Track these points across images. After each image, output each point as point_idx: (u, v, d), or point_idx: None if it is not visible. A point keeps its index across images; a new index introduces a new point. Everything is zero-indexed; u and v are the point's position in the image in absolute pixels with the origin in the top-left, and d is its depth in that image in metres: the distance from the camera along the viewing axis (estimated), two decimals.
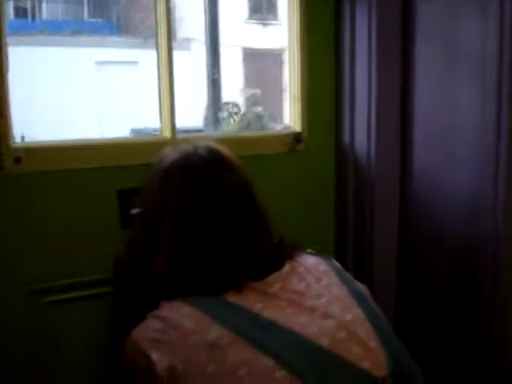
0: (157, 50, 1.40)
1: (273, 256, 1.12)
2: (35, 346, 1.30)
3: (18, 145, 1.27)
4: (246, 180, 1.18)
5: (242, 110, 5.73)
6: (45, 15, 9.59)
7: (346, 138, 1.59)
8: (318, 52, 1.58)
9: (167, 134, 1.41)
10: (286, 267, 1.11)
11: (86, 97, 9.00)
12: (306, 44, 1.56)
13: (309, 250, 1.23)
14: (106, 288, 1.34)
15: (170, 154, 1.17)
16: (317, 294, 1.06)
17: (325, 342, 0.96)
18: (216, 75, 4.22)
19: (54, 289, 1.31)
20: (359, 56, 1.54)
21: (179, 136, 1.43)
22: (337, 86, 1.60)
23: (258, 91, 8.21)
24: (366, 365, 0.94)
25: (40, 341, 1.31)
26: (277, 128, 1.73)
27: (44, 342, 1.31)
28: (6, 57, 1.24)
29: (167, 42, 1.38)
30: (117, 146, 1.37)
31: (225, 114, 5.10)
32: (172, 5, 1.43)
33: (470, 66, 1.37)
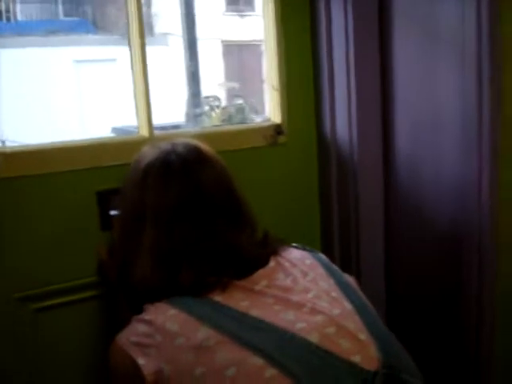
0: (129, 46, 1.37)
1: (257, 253, 1.10)
2: (23, 352, 1.28)
3: None
4: (227, 176, 1.16)
5: (224, 103, 5.69)
6: (19, 16, 9.47)
7: (327, 128, 1.57)
8: (294, 41, 1.56)
9: (144, 132, 1.39)
10: (272, 263, 1.10)
11: (67, 96, 8.92)
12: (282, 34, 1.53)
13: (294, 244, 1.21)
14: (90, 292, 1.33)
15: (148, 154, 1.15)
16: (304, 289, 1.04)
17: (314, 337, 0.94)
18: (192, 69, 4.18)
19: (39, 295, 1.29)
20: (336, 44, 1.52)
21: (157, 133, 1.40)
22: (315, 75, 1.58)
23: (236, 85, 8.17)
24: (356, 359, 0.93)
25: (28, 347, 1.28)
26: (257, 120, 1.71)
27: (32, 348, 1.29)
28: None
29: (140, 38, 1.35)
30: (94, 146, 1.34)
31: (206, 108, 5.07)
32: (148, 0, 1.41)
33: (450, 50, 1.36)
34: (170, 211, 1.09)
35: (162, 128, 1.72)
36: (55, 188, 1.29)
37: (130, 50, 1.37)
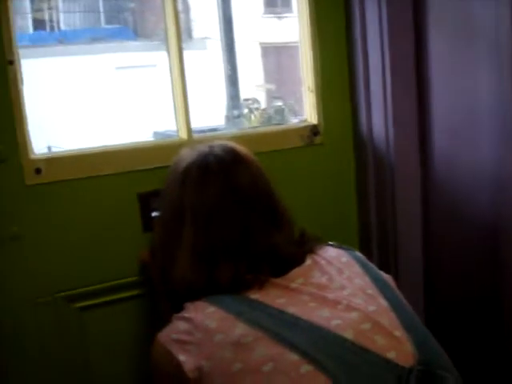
0: (167, 52, 1.40)
1: (293, 251, 1.12)
2: (70, 349, 1.33)
3: (38, 156, 1.29)
4: (263, 177, 1.18)
5: (263, 105, 5.71)
6: (63, 25, 9.69)
7: (364, 127, 1.58)
8: (329, 42, 1.56)
9: (183, 135, 1.42)
10: (308, 261, 1.12)
11: (109, 102, 9.08)
12: (317, 34, 1.54)
13: (330, 242, 1.23)
14: (133, 291, 1.37)
15: (187, 156, 1.18)
16: (339, 286, 1.05)
17: (349, 334, 0.95)
18: (230, 72, 4.21)
19: (83, 295, 1.34)
20: (371, 43, 1.52)
21: (196, 136, 1.43)
22: (350, 75, 1.59)
23: (273, 86, 8.18)
24: (392, 355, 0.94)
25: (74, 344, 1.33)
26: (293, 121, 1.72)
27: (78, 345, 1.34)
28: (20, 70, 1.26)
29: (177, 43, 1.39)
30: (134, 150, 1.38)
31: (245, 111, 5.09)
32: (186, 6, 1.44)
33: (485, 47, 1.35)
34: (208, 211, 1.12)
35: (201, 131, 1.75)
36: (98, 191, 1.34)
37: (169, 55, 1.41)
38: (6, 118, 1.23)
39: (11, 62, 1.24)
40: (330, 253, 1.16)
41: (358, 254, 1.20)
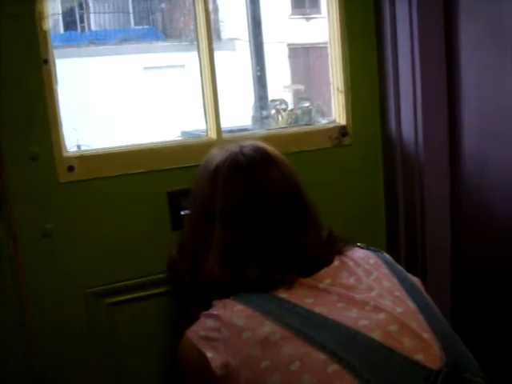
0: (198, 52, 1.42)
1: (322, 252, 1.12)
2: (101, 343, 1.35)
3: (71, 154, 1.31)
4: (292, 177, 1.18)
5: (290, 106, 5.71)
6: (93, 26, 9.81)
7: (393, 128, 1.57)
8: (358, 42, 1.56)
9: (213, 134, 1.43)
10: (336, 262, 1.12)
11: (137, 102, 9.16)
12: (346, 35, 1.54)
13: (358, 244, 1.23)
14: (162, 288, 1.39)
15: (217, 155, 1.19)
16: (367, 288, 1.05)
17: (376, 335, 0.95)
18: (259, 73, 4.22)
19: (113, 291, 1.36)
20: (401, 44, 1.52)
21: (225, 136, 1.44)
22: (380, 76, 1.58)
23: (301, 86, 8.17)
24: (419, 357, 0.93)
25: (105, 339, 1.36)
26: (322, 122, 1.72)
27: (109, 339, 1.36)
28: (55, 69, 1.28)
29: (208, 43, 1.40)
30: (164, 149, 1.40)
31: (273, 112, 5.10)
32: (215, 7, 1.46)
33: None
34: (238, 210, 1.12)
35: (230, 131, 1.76)
36: (129, 189, 1.36)
37: (199, 56, 1.42)
38: (41, 116, 1.26)
39: (46, 61, 1.26)
40: (358, 254, 1.16)
41: (386, 255, 1.20)
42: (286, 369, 0.93)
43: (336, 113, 1.60)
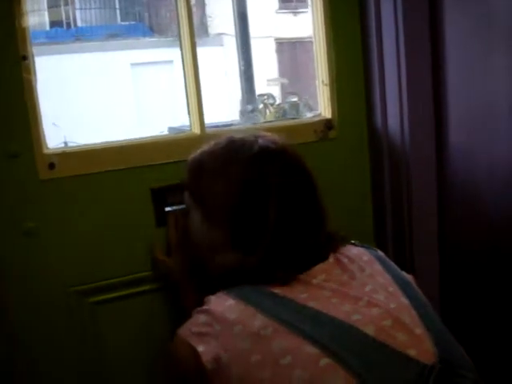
0: (180, 47, 1.40)
1: (318, 250, 1.11)
2: (84, 343, 1.33)
3: (51, 151, 1.29)
4: (308, 174, 1.16)
5: (278, 100, 5.70)
6: (79, 22, 9.75)
7: (379, 121, 1.56)
8: (343, 35, 1.55)
9: (196, 129, 1.42)
10: (331, 259, 1.11)
11: (124, 98, 9.13)
12: (331, 27, 1.53)
13: (353, 241, 1.22)
14: (146, 286, 1.37)
15: (228, 145, 1.16)
16: (361, 284, 1.05)
17: (370, 329, 0.95)
18: (243, 67, 4.20)
19: (96, 289, 1.34)
20: (386, 36, 1.50)
21: (209, 131, 1.43)
22: (365, 68, 1.57)
23: (286, 80, 8.16)
24: (412, 352, 0.93)
25: (88, 339, 1.33)
26: (308, 116, 1.71)
27: (92, 339, 1.34)
28: (34, 66, 1.26)
29: (190, 37, 1.38)
30: (147, 145, 1.38)
31: (260, 106, 5.08)
32: (202, 2, 1.44)
33: (503, 35, 1.32)
34: (235, 206, 1.10)
35: (216, 127, 1.74)
36: (111, 185, 1.33)
37: (181, 50, 1.40)
38: (20, 113, 1.23)
39: (25, 58, 1.24)
40: (352, 251, 1.16)
41: (380, 252, 1.20)
42: (277, 363, 0.92)
43: (321, 106, 1.59)
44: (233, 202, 1.10)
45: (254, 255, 1.07)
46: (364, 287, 1.04)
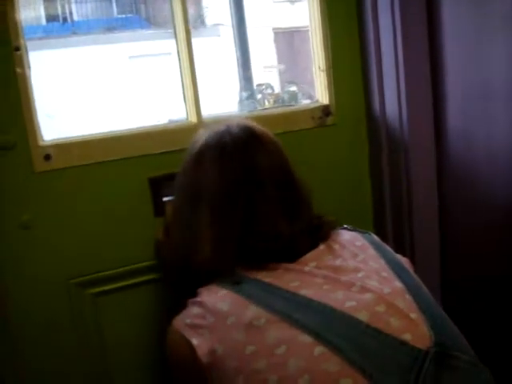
0: (175, 35, 1.39)
1: (307, 239, 1.10)
2: (85, 335, 1.33)
3: (47, 142, 1.28)
4: (282, 157, 1.15)
5: (277, 90, 5.68)
6: (75, 16, 9.71)
7: (377, 106, 1.55)
8: (339, 21, 1.53)
9: (193, 118, 1.40)
10: (321, 246, 1.10)
11: (123, 91, 9.10)
12: (327, 13, 1.51)
13: (346, 226, 1.21)
14: (146, 276, 1.36)
15: (203, 136, 1.16)
16: (353, 269, 1.04)
17: (363, 315, 0.94)
18: (244, 58, 4.19)
19: (96, 281, 1.33)
20: (383, 20, 1.49)
21: (206, 119, 1.41)
22: (362, 54, 1.56)
23: (282, 66, 8.12)
24: (407, 337, 0.92)
25: (89, 330, 1.33)
26: (305, 102, 1.70)
27: (94, 331, 1.34)
28: (27, 57, 1.25)
29: (184, 27, 1.37)
30: (144, 135, 1.37)
31: (259, 96, 5.07)
32: None
33: (499, 20, 1.31)
34: (224, 193, 1.09)
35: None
36: (108, 176, 1.32)
37: (176, 40, 1.39)
38: (14, 104, 1.22)
39: (17, 49, 1.23)
40: (345, 237, 1.14)
41: (374, 236, 1.18)
42: (272, 353, 0.91)
43: (319, 92, 1.57)
44: (213, 196, 1.10)
45: (232, 244, 1.07)
46: (357, 273, 1.03)
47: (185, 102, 1.41)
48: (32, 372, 1.28)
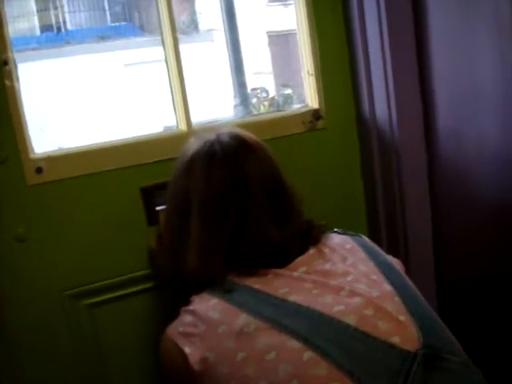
0: (162, 43, 1.40)
1: (297, 245, 1.10)
2: (82, 346, 1.33)
3: (38, 155, 1.29)
4: (272, 165, 1.15)
5: (271, 93, 5.67)
6: (69, 26, 9.70)
7: (366, 109, 1.55)
8: (327, 25, 1.54)
9: (183, 126, 1.41)
10: (311, 250, 1.10)
11: (118, 99, 9.09)
12: (314, 17, 1.52)
13: (336, 229, 1.21)
14: (140, 285, 1.37)
15: (193, 144, 1.16)
16: (342, 273, 1.04)
17: (351, 319, 0.94)
18: (237, 62, 4.19)
19: (90, 292, 1.34)
20: (370, 23, 1.50)
21: (196, 127, 1.42)
22: (351, 57, 1.56)
23: (271, 72, 8.12)
24: (395, 340, 0.93)
25: (86, 341, 1.34)
26: (295, 107, 1.70)
27: (90, 342, 1.34)
28: (16, 71, 1.26)
29: (171, 33, 1.38)
30: (134, 144, 1.38)
31: (254, 100, 5.06)
32: None
33: (486, 20, 1.32)
34: (214, 201, 1.10)
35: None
36: (101, 187, 1.33)
37: (163, 46, 1.40)
38: (4, 118, 1.23)
39: (6, 63, 1.23)
40: (335, 240, 1.15)
41: (364, 239, 1.18)
42: (262, 359, 0.92)
43: (308, 96, 1.58)
44: (203, 205, 1.10)
45: (221, 252, 1.07)
46: (346, 276, 1.04)
47: (174, 110, 1.42)
48: (29, 378, 1.29)
